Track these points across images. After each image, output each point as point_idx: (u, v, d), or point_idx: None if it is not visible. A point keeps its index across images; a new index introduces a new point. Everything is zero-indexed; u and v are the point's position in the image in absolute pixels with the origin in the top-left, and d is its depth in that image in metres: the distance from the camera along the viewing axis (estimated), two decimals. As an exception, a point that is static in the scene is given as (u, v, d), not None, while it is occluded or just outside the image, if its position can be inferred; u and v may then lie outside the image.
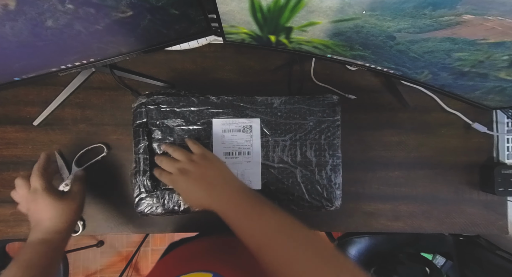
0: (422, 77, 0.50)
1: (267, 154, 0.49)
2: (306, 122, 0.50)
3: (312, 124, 0.50)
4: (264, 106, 0.49)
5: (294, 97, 0.50)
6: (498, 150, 0.67)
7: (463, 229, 0.67)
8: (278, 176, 0.49)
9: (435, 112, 0.67)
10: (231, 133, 0.49)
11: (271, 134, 0.49)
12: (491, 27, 0.31)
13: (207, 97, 0.49)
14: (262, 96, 0.50)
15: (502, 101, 0.50)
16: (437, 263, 0.81)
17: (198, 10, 0.44)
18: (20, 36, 0.37)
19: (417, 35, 0.37)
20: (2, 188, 0.58)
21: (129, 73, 0.60)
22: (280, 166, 0.49)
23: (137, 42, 0.48)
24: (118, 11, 0.38)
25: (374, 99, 0.66)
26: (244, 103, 0.49)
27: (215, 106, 0.49)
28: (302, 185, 0.50)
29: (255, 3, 0.38)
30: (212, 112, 0.48)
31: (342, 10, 0.36)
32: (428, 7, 0.31)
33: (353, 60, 0.51)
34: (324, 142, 0.50)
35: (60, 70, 0.49)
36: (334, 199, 0.50)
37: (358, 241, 0.89)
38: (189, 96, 0.49)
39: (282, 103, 0.50)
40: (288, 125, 0.50)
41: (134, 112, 0.49)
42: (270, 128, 0.49)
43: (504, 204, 0.67)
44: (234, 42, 0.53)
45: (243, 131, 0.49)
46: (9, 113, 0.58)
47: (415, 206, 0.66)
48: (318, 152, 0.50)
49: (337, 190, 0.51)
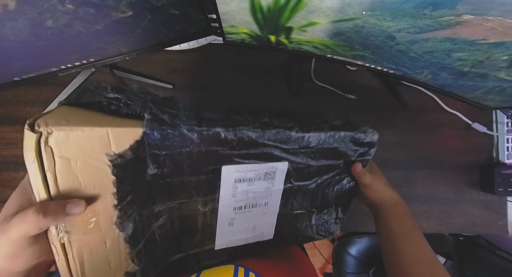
0: (422, 77, 0.50)
1: (287, 202, 0.39)
2: (337, 163, 0.40)
3: (342, 165, 0.41)
4: (298, 145, 0.35)
5: (335, 134, 0.37)
6: (498, 150, 0.67)
7: (463, 229, 0.67)
8: (293, 222, 0.41)
9: (435, 112, 0.67)
10: (247, 183, 0.34)
11: (297, 179, 0.37)
12: (491, 27, 0.31)
13: (217, 133, 0.28)
14: (296, 132, 0.34)
15: (502, 101, 0.50)
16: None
17: (198, 10, 0.44)
18: (20, 36, 0.37)
19: (417, 35, 0.37)
20: (2, 188, 0.58)
21: (129, 73, 0.60)
22: (298, 213, 0.41)
23: (137, 42, 0.48)
24: (118, 11, 0.38)
25: (374, 99, 0.66)
26: (273, 142, 0.33)
27: (229, 146, 0.30)
28: (314, 227, 0.44)
29: (255, 3, 0.38)
30: (223, 155, 0.30)
31: (342, 10, 0.36)
32: (428, 7, 0.31)
33: (353, 60, 0.51)
34: (347, 184, 0.43)
35: (60, 70, 0.49)
36: (335, 231, 0.47)
37: (358, 241, 0.89)
38: (183, 126, 0.27)
39: (320, 143, 0.36)
40: (317, 167, 0.38)
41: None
42: (297, 172, 0.37)
43: (504, 204, 0.67)
44: (234, 42, 0.53)
45: (264, 179, 0.35)
46: (9, 113, 0.58)
47: (415, 206, 0.66)
48: (339, 193, 0.43)
49: (341, 224, 0.47)
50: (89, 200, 0.24)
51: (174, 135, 0.26)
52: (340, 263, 0.90)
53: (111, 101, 0.26)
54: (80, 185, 0.23)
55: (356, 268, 0.88)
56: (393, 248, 0.39)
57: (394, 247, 0.39)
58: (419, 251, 0.38)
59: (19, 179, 0.58)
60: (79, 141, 0.22)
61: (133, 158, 0.25)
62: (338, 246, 0.93)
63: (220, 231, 0.35)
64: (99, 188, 0.24)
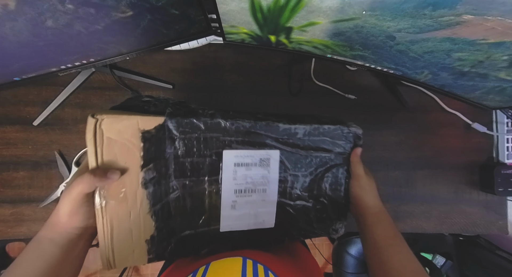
0: (422, 77, 0.50)
1: (285, 191, 0.43)
2: (328, 155, 0.45)
3: (333, 157, 0.45)
4: (286, 135, 0.41)
5: (320, 128, 0.43)
6: (498, 150, 0.67)
7: (463, 229, 0.67)
8: (293, 213, 0.44)
9: (435, 112, 0.67)
10: (245, 168, 0.40)
11: (292, 169, 0.43)
12: (491, 27, 0.31)
13: (218, 122, 0.37)
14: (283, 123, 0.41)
15: (502, 101, 0.50)
16: (437, 263, 0.81)
17: (198, 10, 0.44)
18: (20, 36, 0.37)
19: (417, 35, 0.37)
20: (2, 188, 0.58)
21: (129, 73, 0.60)
22: (297, 203, 0.44)
23: (137, 42, 0.48)
24: (118, 11, 0.38)
25: (374, 99, 0.66)
26: (264, 131, 0.40)
27: (228, 133, 0.38)
28: (314, 220, 0.46)
29: (255, 3, 0.38)
30: (223, 140, 0.38)
31: (342, 10, 0.36)
32: (428, 7, 0.31)
33: (353, 60, 0.51)
34: (341, 176, 0.46)
35: (60, 70, 0.49)
36: (340, 228, 0.48)
37: (358, 241, 0.89)
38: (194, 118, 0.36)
39: (306, 134, 0.43)
40: (309, 158, 0.44)
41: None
42: (290, 162, 0.43)
43: (504, 204, 0.67)
44: (234, 42, 0.53)
45: (260, 165, 0.41)
46: (9, 113, 0.58)
47: (415, 206, 0.66)
48: (334, 186, 0.46)
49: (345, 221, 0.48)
50: (121, 172, 0.32)
51: (186, 123, 0.35)
52: (340, 263, 0.90)
53: (144, 104, 0.35)
54: (117, 159, 0.32)
55: (356, 268, 0.88)
56: (379, 259, 0.39)
57: (380, 257, 0.39)
58: (405, 260, 0.38)
59: (19, 179, 0.58)
60: (118, 126, 0.32)
61: (156, 136, 0.34)
62: (338, 246, 0.93)
63: (224, 213, 0.40)
64: (129, 164, 0.33)
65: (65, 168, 0.58)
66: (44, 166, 0.59)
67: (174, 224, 0.37)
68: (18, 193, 0.58)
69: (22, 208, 0.58)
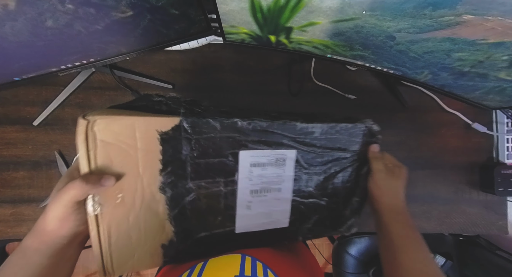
0: (422, 77, 0.50)
1: (299, 190, 0.43)
2: (344, 154, 0.44)
3: (349, 155, 0.45)
4: (303, 135, 0.41)
5: (337, 126, 0.42)
6: (498, 150, 0.67)
7: (463, 229, 0.67)
8: (306, 212, 0.44)
9: (435, 112, 0.67)
10: (261, 168, 0.39)
11: (306, 167, 0.42)
12: (491, 27, 0.31)
13: (234, 122, 0.36)
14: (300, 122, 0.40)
15: (502, 101, 0.50)
16: (437, 263, 0.81)
17: (198, 10, 0.44)
18: (20, 36, 0.37)
19: (417, 35, 0.37)
20: (2, 188, 0.58)
21: (129, 73, 0.60)
22: (310, 201, 0.44)
23: (137, 42, 0.48)
24: (118, 11, 0.38)
25: (374, 99, 0.66)
26: (281, 130, 0.39)
27: (244, 133, 0.37)
28: (328, 218, 0.46)
29: (255, 3, 0.38)
30: (240, 140, 0.37)
31: (342, 10, 0.36)
32: (428, 7, 0.31)
33: (353, 60, 0.51)
34: (356, 173, 0.46)
35: (60, 70, 0.49)
36: (353, 226, 0.48)
37: (358, 241, 0.89)
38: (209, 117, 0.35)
39: (323, 133, 0.42)
40: (325, 156, 0.43)
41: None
42: (305, 160, 0.42)
43: (504, 204, 0.67)
44: (234, 42, 0.53)
45: (275, 165, 0.40)
46: (9, 113, 0.58)
47: (415, 206, 0.66)
48: (349, 183, 0.46)
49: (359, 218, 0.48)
50: (117, 177, 0.30)
51: (202, 123, 0.34)
52: (340, 263, 0.90)
53: (155, 103, 0.34)
54: (112, 163, 0.30)
55: (356, 268, 0.88)
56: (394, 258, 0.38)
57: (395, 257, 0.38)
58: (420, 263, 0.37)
59: (19, 179, 0.58)
60: (113, 127, 0.29)
61: (173, 137, 0.33)
62: (338, 246, 0.93)
63: (239, 214, 0.40)
64: (126, 168, 0.31)
65: (65, 168, 0.58)
66: (44, 166, 0.59)
67: (190, 226, 0.37)
68: (18, 193, 0.58)
69: (22, 208, 0.58)
